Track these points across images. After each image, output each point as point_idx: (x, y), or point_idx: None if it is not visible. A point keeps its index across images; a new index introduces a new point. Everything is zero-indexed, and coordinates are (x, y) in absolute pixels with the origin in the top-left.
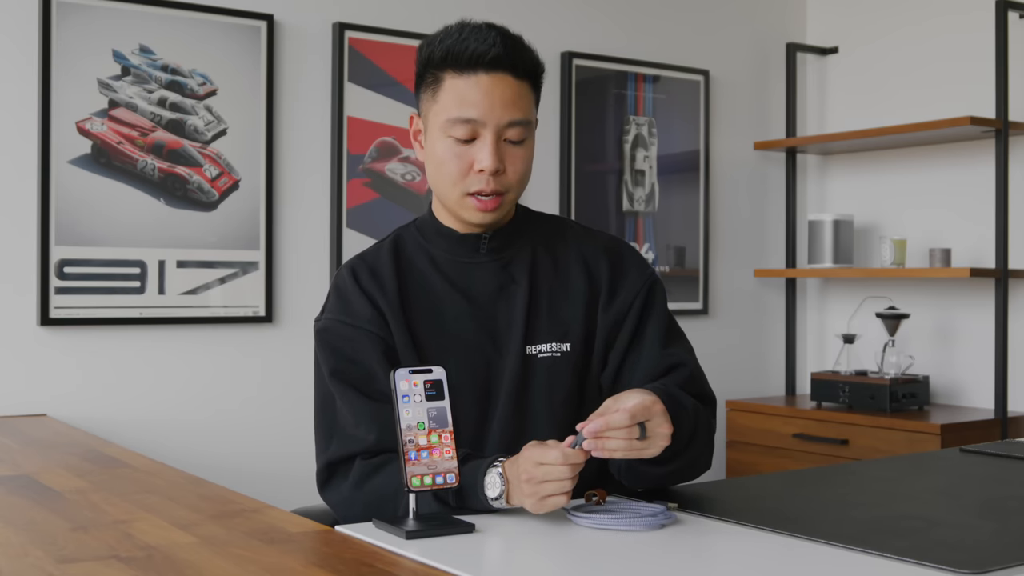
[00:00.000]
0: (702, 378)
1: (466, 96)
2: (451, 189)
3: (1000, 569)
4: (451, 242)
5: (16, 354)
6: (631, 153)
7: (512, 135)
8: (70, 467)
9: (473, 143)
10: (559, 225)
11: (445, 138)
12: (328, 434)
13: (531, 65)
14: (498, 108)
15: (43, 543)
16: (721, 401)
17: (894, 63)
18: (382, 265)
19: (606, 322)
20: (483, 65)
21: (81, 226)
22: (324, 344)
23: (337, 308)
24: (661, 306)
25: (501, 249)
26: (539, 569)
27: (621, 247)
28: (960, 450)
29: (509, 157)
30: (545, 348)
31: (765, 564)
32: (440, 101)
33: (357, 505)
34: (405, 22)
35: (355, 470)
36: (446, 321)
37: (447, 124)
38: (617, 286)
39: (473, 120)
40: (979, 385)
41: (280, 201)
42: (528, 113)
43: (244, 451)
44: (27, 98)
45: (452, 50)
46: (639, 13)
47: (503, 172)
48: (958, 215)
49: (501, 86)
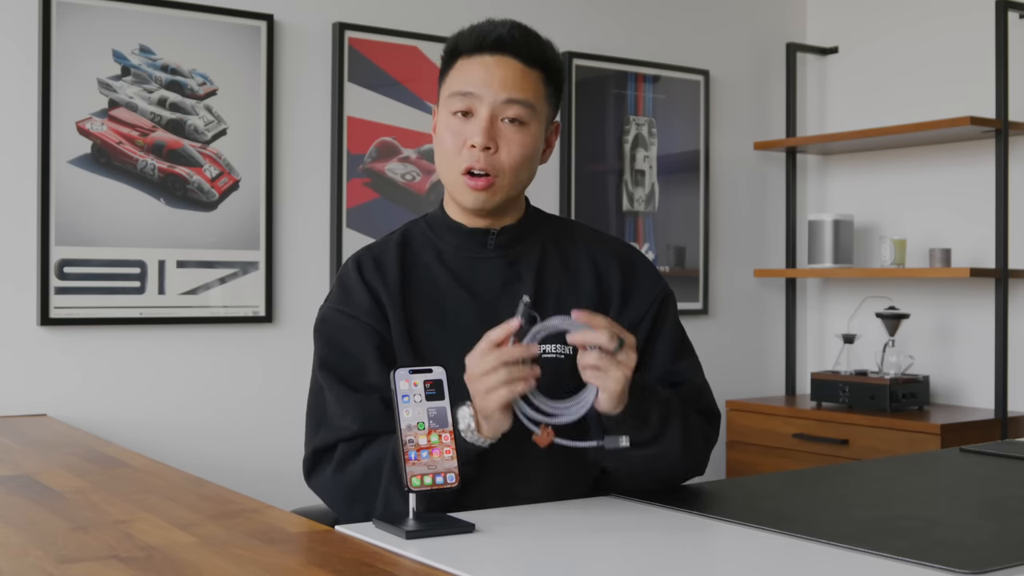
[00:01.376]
0: (707, 394)
1: (469, 73)
2: (448, 169)
3: (1000, 569)
4: (459, 236)
5: (16, 354)
6: (631, 153)
7: (509, 113)
8: (70, 467)
9: (470, 120)
10: (570, 226)
11: (447, 115)
12: (316, 423)
13: (541, 55)
14: (496, 85)
15: (43, 543)
16: (721, 401)
17: (894, 63)
18: (388, 256)
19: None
20: (487, 46)
21: (81, 226)
22: (320, 333)
23: (338, 298)
24: (672, 320)
25: (509, 245)
26: (539, 569)
27: (634, 255)
28: (960, 450)
29: (504, 138)
30: (549, 348)
31: (765, 564)
32: (447, 82)
33: (339, 488)
34: (405, 22)
35: (336, 454)
36: (447, 315)
37: (448, 100)
38: (629, 295)
39: (470, 94)
40: (979, 385)
41: (280, 201)
42: (529, 96)
43: (244, 451)
44: (27, 98)
45: (463, 35)
46: (639, 13)
47: (495, 152)
48: (958, 215)
49: (503, 67)
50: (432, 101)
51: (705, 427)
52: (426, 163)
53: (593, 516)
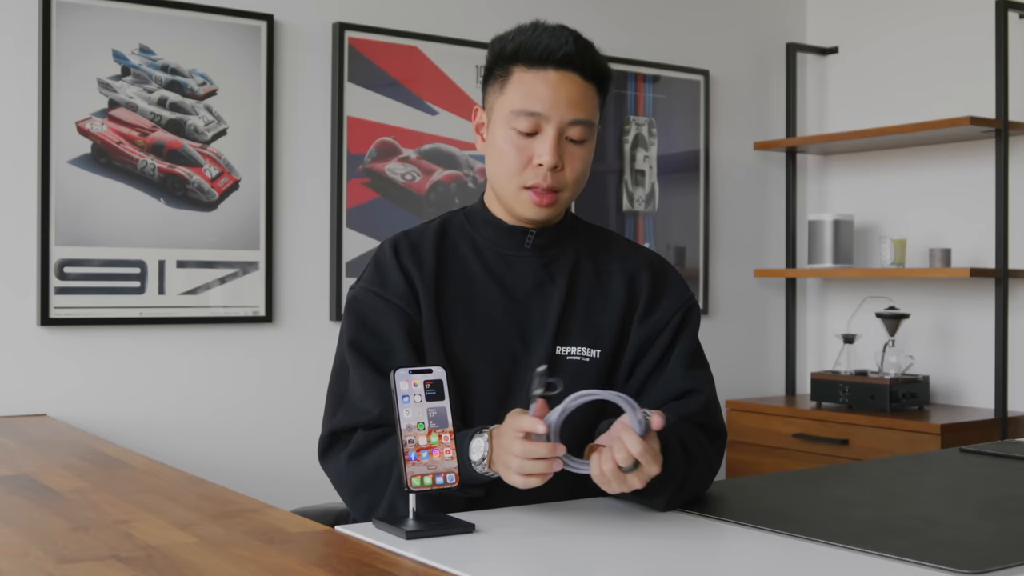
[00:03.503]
0: (716, 410)
1: (533, 90)
2: (508, 182)
3: (1000, 569)
4: (497, 232)
5: (16, 354)
6: (631, 153)
7: (574, 134)
8: (70, 467)
9: (535, 137)
10: (606, 236)
11: (508, 130)
12: (337, 402)
13: (600, 69)
14: (563, 105)
15: (43, 543)
16: (721, 401)
17: (894, 63)
18: (425, 243)
19: (639, 336)
20: (553, 62)
21: (81, 226)
22: (351, 312)
23: (373, 279)
24: (693, 331)
25: (546, 247)
26: (539, 569)
27: (664, 265)
28: (960, 450)
29: (568, 156)
30: (575, 351)
31: (765, 564)
32: (507, 93)
33: (350, 477)
34: (405, 22)
35: (354, 440)
36: (478, 308)
37: (511, 116)
38: (655, 303)
39: (538, 114)
40: (979, 385)
41: (280, 201)
42: (591, 115)
43: (244, 451)
44: (27, 98)
45: (524, 45)
46: (639, 13)
47: (561, 169)
48: (958, 215)
49: (568, 84)
50: (432, 101)
51: (709, 452)
52: (426, 163)
53: (593, 516)
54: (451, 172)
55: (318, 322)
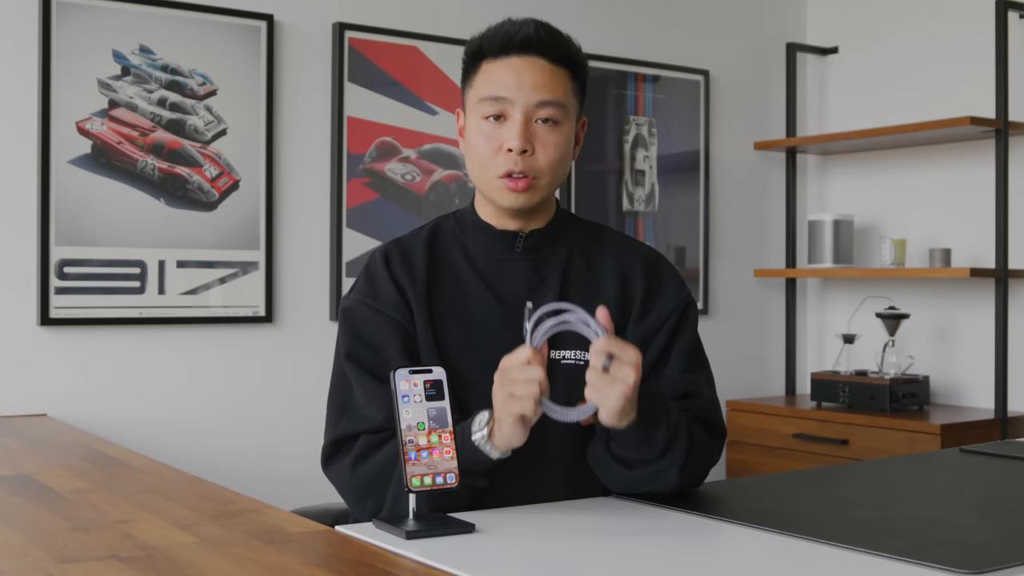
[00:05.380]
0: (715, 410)
1: (497, 76)
2: (484, 172)
3: (1000, 569)
4: (487, 237)
5: (16, 354)
6: (631, 153)
7: (543, 114)
8: (70, 467)
9: (503, 124)
10: (598, 231)
11: (478, 120)
12: (340, 411)
13: (566, 51)
14: (527, 88)
15: (43, 543)
16: (721, 401)
17: (894, 63)
18: (415, 251)
19: (635, 337)
20: (514, 47)
21: (81, 226)
22: (346, 323)
23: (365, 290)
24: (691, 330)
25: (536, 249)
26: (539, 569)
27: (660, 261)
28: (960, 450)
29: (540, 140)
30: (569, 355)
31: (765, 564)
32: (474, 86)
33: (355, 482)
34: (405, 22)
35: (357, 445)
36: (472, 315)
37: (479, 105)
38: (651, 302)
39: (502, 98)
40: (979, 385)
41: (280, 201)
42: (561, 96)
43: (244, 451)
44: (27, 98)
45: (486, 38)
46: (639, 13)
47: (532, 153)
48: (958, 215)
49: (532, 68)
50: (432, 101)
51: (709, 445)
52: (426, 163)
53: (593, 517)
54: (451, 172)
55: (318, 322)
